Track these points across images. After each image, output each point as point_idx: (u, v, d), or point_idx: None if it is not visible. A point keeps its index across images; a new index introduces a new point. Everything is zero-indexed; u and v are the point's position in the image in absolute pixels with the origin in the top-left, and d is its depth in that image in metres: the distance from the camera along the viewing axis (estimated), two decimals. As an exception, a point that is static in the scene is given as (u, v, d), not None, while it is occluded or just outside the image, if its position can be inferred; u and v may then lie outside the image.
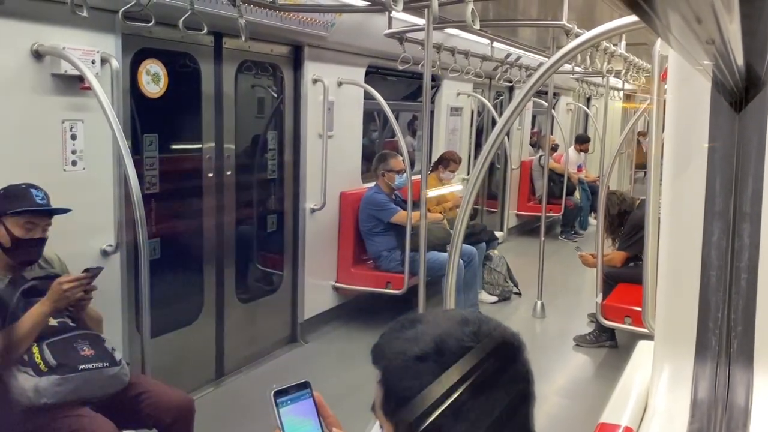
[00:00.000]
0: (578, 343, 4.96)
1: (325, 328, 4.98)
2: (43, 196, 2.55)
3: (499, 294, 5.94)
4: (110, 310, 3.07)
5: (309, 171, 4.66)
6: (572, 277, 6.46)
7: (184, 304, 4.00)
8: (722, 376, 1.48)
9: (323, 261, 4.98)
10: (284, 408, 1.05)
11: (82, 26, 2.94)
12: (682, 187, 1.55)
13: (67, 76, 2.91)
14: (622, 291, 4.53)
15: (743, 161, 1.44)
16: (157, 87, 3.52)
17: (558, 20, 4.29)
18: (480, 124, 7.77)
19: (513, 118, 2.31)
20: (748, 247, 1.45)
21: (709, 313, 1.50)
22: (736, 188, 1.45)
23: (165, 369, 3.34)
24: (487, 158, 2.23)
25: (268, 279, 4.76)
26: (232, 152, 4.13)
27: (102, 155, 3.15)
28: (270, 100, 4.69)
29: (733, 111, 1.42)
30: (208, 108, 3.94)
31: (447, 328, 0.95)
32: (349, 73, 4.90)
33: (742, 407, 1.44)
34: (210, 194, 4.02)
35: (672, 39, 0.80)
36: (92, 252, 3.16)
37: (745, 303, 1.46)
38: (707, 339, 1.50)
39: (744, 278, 1.46)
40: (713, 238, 1.48)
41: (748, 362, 1.46)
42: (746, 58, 1.00)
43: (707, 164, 1.47)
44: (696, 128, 1.48)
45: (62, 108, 2.98)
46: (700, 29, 0.66)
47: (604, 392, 1.95)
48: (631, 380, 1.89)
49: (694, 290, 1.51)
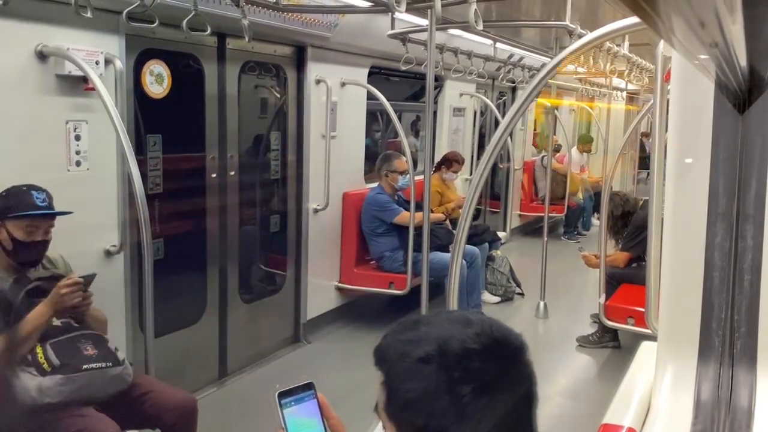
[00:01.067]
0: (581, 343, 4.96)
1: (328, 329, 4.98)
2: (44, 198, 2.53)
3: (502, 294, 5.93)
4: (114, 310, 3.08)
5: (312, 171, 4.67)
6: (575, 278, 6.45)
7: (187, 304, 4.00)
8: (725, 377, 1.48)
9: (326, 261, 4.98)
10: (288, 409, 1.06)
11: (86, 27, 2.95)
12: (686, 188, 1.55)
13: (71, 76, 2.91)
14: (625, 292, 4.53)
15: (746, 163, 1.44)
16: (161, 88, 3.53)
17: (561, 21, 4.29)
18: (483, 125, 7.77)
19: (516, 118, 2.31)
20: (752, 249, 1.45)
21: (712, 314, 1.50)
22: (740, 189, 1.45)
23: (168, 369, 3.34)
24: (490, 159, 2.23)
25: (271, 279, 4.77)
26: (235, 152, 4.13)
27: (106, 156, 3.15)
28: (273, 100, 4.69)
29: (736, 112, 1.42)
30: (212, 108, 3.95)
31: (450, 330, 0.95)
32: (352, 73, 4.91)
33: (746, 408, 1.44)
34: (213, 194, 4.02)
35: (675, 41, 0.80)
36: (96, 252, 3.17)
37: (748, 304, 1.46)
38: (710, 340, 1.50)
39: (747, 279, 1.46)
40: (716, 239, 1.48)
41: (751, 363, 1.46)
42: (749, 60, 1.00)
43: (710, 165, 1.47)
44: (699, 129, 1.48)
45: (66, 108, 2.99)
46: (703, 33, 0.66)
47: (607, 393, 1.95)
48: (634, 381, 1.89)
49: (698, 291, 1.51)
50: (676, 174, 1.58)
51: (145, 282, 2.76)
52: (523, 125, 8.38)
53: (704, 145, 1.47)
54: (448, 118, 6.63)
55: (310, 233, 4.74)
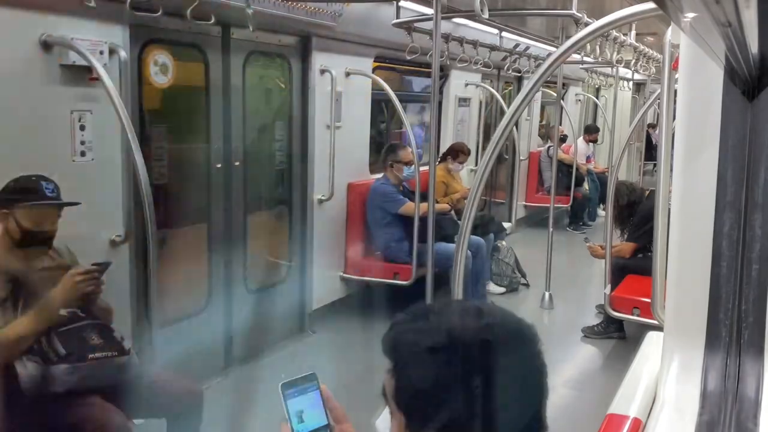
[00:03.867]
0: (586, 334, 4.95)
1: (333, 319, 4.98)
2: (53, 188, 2.54)
3: (507, 285, 5.93)
4: (119, 300, 3.08)
5: (317, 162, 4.66)
6: (580, 269, 6.44)
7: (192, 294, 4.01)
8: (732, 367, 1.47)
9: (331, 251, 4.98)
10: (291, 400, 1.06)
11: (90, 17, 2.94)
12: (694, 177, 1.53)
13: (76, 66, 2.91)
14: (631, 282, 4.51)
15: (755, 151, 1.42)
16: (165, 78, 3.52)
17: (567, 10, 4.25)
18: (488, 115, 7.73)
19: (521, 108, 2.29)
20: (760, 238, 1.43)
21: (719, 304, 1.48)
22: (748, 178, 1.43)
23: (173, 358, 3.35)
24: (495, 149, 2.22)
25: (277, 269, 4.77)
26: (240, 143, 4.13)
27: (110, 146, 3.15)
28: (278, 90, 4.68)
29: (745, 100, 1.40)
30: (216, 98, 3.94)
31: (461, 320, 0.94)
32: (357, 63, 4.88)
33: (753, 398, 1.43)
34: (218, 184, 4.02)
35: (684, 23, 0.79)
36: (101, 242, 3.17)
37: (756, 294, 1.44)
38: (718, 330, 1.49)
39: (755, 269, 1.44)
40: (725, 228, 1.47)
41: (758, 353, 1.45)
42: (761, 46, 0.99)
43: (719, 154, 1.45)
44: (708, 117, 1.46)
45: (71, 98, 2.98)
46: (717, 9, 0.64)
47: (612, 383, 1.94)
48: (639, 371, 1.88)
49: (705, 281, 1.50)
50: (683, 162, 1.56)
51: (150, 272, 2.77)
52: (528, 115, 8.35)
53: (713, 133, 1.45)
54: (453, 109, 6.61)
55: (315, 223, 4.74)
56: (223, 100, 3.97)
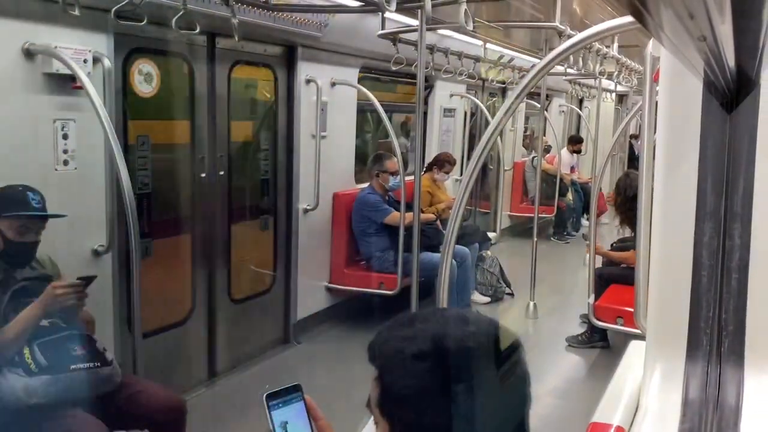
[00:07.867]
0: (570, 343, 4.97)
1: (318, 329, 4.97)
2: (39, 199, 2.52)
3: (492, 295, 5.94)
4: (101, 311, 3.05)
5: (302, 171, 4.66)
6: (564, 278, 6.48)
7: (175, 303, 3.98)
8: (713, 375, 1.48)
9: (316, 261, 4.97)
10: (276, 411, 1.06)
11: (74, 25, 2.93)
12: (674, 188, 1.55)
13: (59, 75, 2.89)
14: (615, 292, 4.54)
15: (734, 161, 1.44)
16: (150, 86, 3.51)
17: (551, 22, 4.30)
18: (473, 126, 7.78)
19: (506, 119, 2.31)
20: (739, 248, 1.45)
21: (700, 313, 1.50)
22: (727, 189, 1.46)
23: (156, 369, 3.32)
24: (479, 159, 2.23)
25: (261, 279, 4.75)
26: (224, 152, 4.12)
27: (94, 155, 3.13)
28: (263, 100, 4.68)
29: (724, 111, 1.43)
30: (201, 108, 3.93)
31: (446, 328, 0.95)
32: (343, 73, 4.90)
33: (733, 406, 1.44)
34: (202, 194, 4.01)
35: (663, 37, 0.80)
36: (84, 252, 3.15)
37: (736, 303, 1.46)
38: (698, 338, 1.51)
39: (735, 278, 1.46)
40: (704, 238, 1.49)
41: (738, 361, 1.47)
42: (737, 59, 1.01)
43: (698, 165, 1.47)
44: (687, 129, 1.48)
45: (54, 107, 2.96)
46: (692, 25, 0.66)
47: (596, 392, 1.95)
48: (622, 380, 1.89)
49: (686, 290, 1.51)
50: (664, 173, 1.58)
51: (133, 282, 2.75)
52: (512, 126, 8.41)
53: (692, 145, 1.47)
54: (438, 119, 6.64)
55: (301, 233, 4.73)
56: (208, 110, 3.97)
